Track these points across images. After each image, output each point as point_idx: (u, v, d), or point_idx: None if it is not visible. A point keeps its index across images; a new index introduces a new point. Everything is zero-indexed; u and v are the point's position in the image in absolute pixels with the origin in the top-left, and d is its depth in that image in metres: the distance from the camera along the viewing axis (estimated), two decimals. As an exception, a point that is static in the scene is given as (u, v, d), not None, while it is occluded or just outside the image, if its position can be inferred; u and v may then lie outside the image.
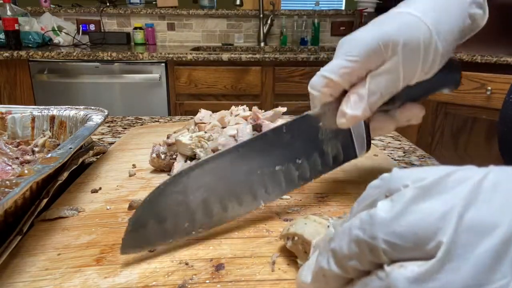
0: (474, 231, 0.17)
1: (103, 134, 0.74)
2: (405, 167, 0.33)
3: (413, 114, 0.41)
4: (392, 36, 0.34)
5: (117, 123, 0.82)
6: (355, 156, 0.41)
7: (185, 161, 0.50)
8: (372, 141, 0.42)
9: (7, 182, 0.33)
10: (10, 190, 0.31)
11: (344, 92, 0.38)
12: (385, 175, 0.20)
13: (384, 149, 0.66)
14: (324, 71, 0.37)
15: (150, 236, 0.33)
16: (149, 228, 0.33)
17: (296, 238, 0.31)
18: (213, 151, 0.47)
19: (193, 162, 0.48)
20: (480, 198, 0.17)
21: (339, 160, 0.41)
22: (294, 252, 0.32)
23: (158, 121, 0.82)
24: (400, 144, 0.69)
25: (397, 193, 0.19)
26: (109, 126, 0.79)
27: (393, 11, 0.37)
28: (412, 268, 0.17)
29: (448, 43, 0.36)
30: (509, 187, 0.18)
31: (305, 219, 0.32)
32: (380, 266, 0.19)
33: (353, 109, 0.36)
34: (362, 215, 0.20)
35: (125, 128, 0.77)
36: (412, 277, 0.17)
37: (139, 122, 0.82)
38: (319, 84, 0.37)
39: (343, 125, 0.37)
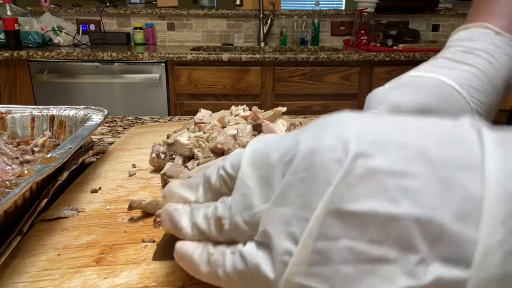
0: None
1: (103, 134, 0.74)
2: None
3: None
4: (432, 107, 0.35)
5: (117, 123, 0.82)
6: None
7: (184, 161, 0.50)
8: None
9: (7, 182, 0.33)
10: (10, 190, 0.31)
11: None
12: None
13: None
14: None
15: None
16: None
17: None
18: (212, 151, 0.47)
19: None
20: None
21: None
22: None
23: (158, 121, 0.82)
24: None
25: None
26: (109, 126, 0.79)
27: (431, 76, 0.37)
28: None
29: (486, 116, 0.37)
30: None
31: None
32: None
33: None
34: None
35: (125, 128, 0.77)
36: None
37: (139, 122, 0.82)
38: None
39: None
